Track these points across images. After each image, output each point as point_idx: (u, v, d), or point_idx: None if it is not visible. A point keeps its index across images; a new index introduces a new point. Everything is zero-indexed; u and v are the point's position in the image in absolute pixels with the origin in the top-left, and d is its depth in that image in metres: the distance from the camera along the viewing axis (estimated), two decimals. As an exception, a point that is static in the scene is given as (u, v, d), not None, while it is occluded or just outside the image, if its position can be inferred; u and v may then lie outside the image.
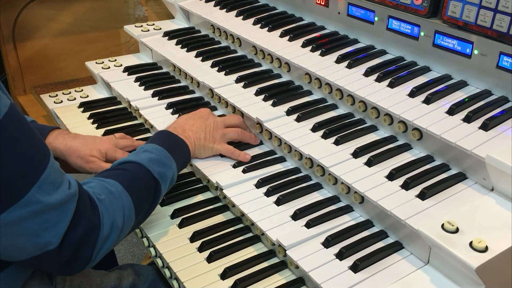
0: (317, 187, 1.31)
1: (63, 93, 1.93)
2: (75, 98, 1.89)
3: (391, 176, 1.17)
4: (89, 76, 2.10)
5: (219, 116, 1.61)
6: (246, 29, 1.73)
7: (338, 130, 1.34)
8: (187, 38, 1.92)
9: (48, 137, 1.41)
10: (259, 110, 1.45)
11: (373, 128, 1.35)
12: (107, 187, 1.07)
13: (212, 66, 1.71)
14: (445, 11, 1.30)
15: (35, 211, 0.89)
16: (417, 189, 1.13)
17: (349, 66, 1.43)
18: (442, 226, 1.00)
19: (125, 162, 1.18)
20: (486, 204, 1.08)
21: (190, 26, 2.06)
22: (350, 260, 1.09)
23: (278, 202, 1.25)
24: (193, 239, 1.26)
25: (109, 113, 1.78)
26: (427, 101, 1.26)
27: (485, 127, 1.15)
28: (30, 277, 1.13)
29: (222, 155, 1.42)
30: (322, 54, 1.50)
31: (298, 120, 1.40)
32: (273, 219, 1.20)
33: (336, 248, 1.12)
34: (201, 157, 1.40)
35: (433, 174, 1.17)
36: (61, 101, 1.87)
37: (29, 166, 0.88)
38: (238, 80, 1.61)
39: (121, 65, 1.96)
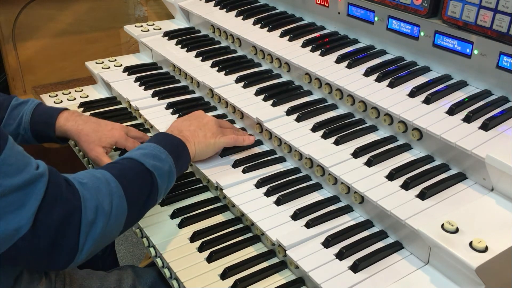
0: (317, 187, 1.31)
1: (63, 93, 1.93)
2: (75, 98, 1.89)
3: (391, 176, 1.17)
4: (89, 76, 2.10)
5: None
6: (246, 29, 1.73)
7: (338, 130, 1.34)
8: (187, 38, 1.92)
9: (58, 119, 1.42)
10: (259, 110, 1.45)
11: (373, 128, 1.35)
12: (93, 174, 1.06)
13: (212, 66, 1.71)
14: (445, 11, 1.30)
15: None
16: (417, 189, 1.13)
17: (349, 66, 1.43)
18: (442, 226, 1.00)
19: (119, 159, 1.18)
20: (486, 204, 1.08)
21: (190, 26, 2.06)
22: (350, 260, 1.09)
23: (278, 202, 1.25)
24: (193, 239, 1.26)
25: (109, 113, 1.78)
26: (427, 101, 1.26)
27: (485, 127, 1.15)
28: (28, 280, 1.12)
29: (222, 155, 1.42)
30: (322, 54, 1.50)
31: (298, 120, 1.40)
32: (273, 219, 1.20)
33: (336, 248, 1.12)
34: (206, 157, 1.38)
35: (433, 174, 1.17)
36: (61, 101, 1.87)
37: None
38: (238, 80, 1.61)
39: (121, 65, 1.97)
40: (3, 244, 0.90)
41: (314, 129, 1.36)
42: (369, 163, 1.22)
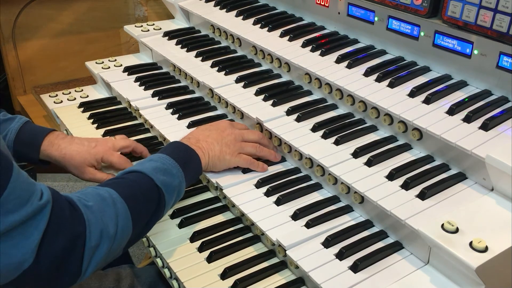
0: (317, 187, 1.31)
1: (63, 93, 1.93)
2: (75, 98, 1.89)
3: (391, 176, 1.17)
4: (89, 76, 2.10)
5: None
6: (246, 29, 1.73)
7: (338, 130, 1.34)
8: (187, 38, 1.92)
9: (43, 143, 1.36)
10: (259, 110, 1.45)
11: (373, 128, 1.35)
12: (99, 193, 1.02)
13: (212, 66, 1.71)
14: (445, 11, 1.30)
15: None
16: (417, 189, 1.13)
17: (349, 66, 1.43)
18: (442, 226, 1.00)
19: (128, 172, 1.14)
20: (486, 204, 1.08)
21: (190, 26, 2.06)
22: (350, 260, 1.09)
23: (278, 202, 1.25)
24: (193, 239, 1.26)
25: (109, 113, 1.79)
26: (427, 101, 1.26)
27: (485, 127, 1.15)
28: None
29: None
30: (322, 54, 1.50)
31: (298, 120, 1.40)
32: (273, 219, 1.20)
33: (336, 248, 1.12)
34: (216, 170, 1.33)
35: (433, 174, 1.17)
36: (61, 101, 1.87)
37: None
38: (238, 80, 1.61)
39: (121, 65, 1.96)
40: (6, 278, 0.87)
41: (314, 129, 1.36)
42: (369, 163, 1.22)
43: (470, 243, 0.96)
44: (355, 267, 1.07)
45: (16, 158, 1.26)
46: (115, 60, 2.02)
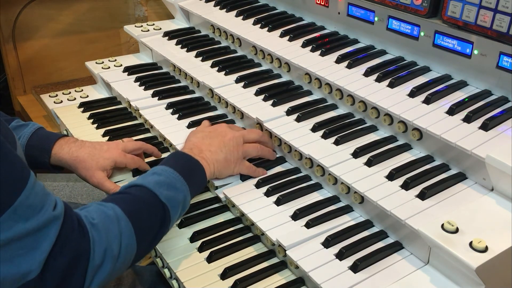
0: (317, 187, 1.31)
1: (63, 93, 1.93)
2: (75, 98, 1.89)
3: (391, 176, 1.17)
4: (89, 76, 2.10)
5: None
6: (246, 29, 1.73)
7: (338, 130, 1.34)
8: (187, 38, 1.92)
9: (54, 147, 1.35)
10: (259, 110, 1.45)
11: (373, 128, 1.35)
12: (104, 211, 1.00)
13: (212, 66, 1.71)
14: (445, 11, 1.30)
15: (8, 238, 0.82)
16: (417, 189, 1.13)
17: (349, 66, 1.43)
18: (442, 226, 1.00)
19: (131, 186, 1.11)
20: (486, 204, 1.08)
21: (190, 26, 2.06)
22: (350, 260, 1.09)
23: (278, 202, 1.25)
24: (193, 239, 1.26)
25: (109, 113, 1.79)
26: (427, 101, 1.26)
27: (485, 127, 1.15)
28: None
29: None
30: (322, 54, 1.50)
31: (298, 120, 1.40)
32: (273, 219, 1.20)
33: (336, 248, 1.12)
34: (221, 177, 1.32)
35: (433, 174, 1.17)
36: (61, 101, 1.87)
37: (1, 190, 0.81)
38: (238, 80, 1.61)
39: (121, 65, 1.96)
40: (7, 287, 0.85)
41: (314, 129, 1.36)
42: (369, 163, 1.22)
43: (470, 243, 0.96)
44: (355, 267, 1.07)
45: (28, 164, 1.27)
46: (115, 60, 2.02)
